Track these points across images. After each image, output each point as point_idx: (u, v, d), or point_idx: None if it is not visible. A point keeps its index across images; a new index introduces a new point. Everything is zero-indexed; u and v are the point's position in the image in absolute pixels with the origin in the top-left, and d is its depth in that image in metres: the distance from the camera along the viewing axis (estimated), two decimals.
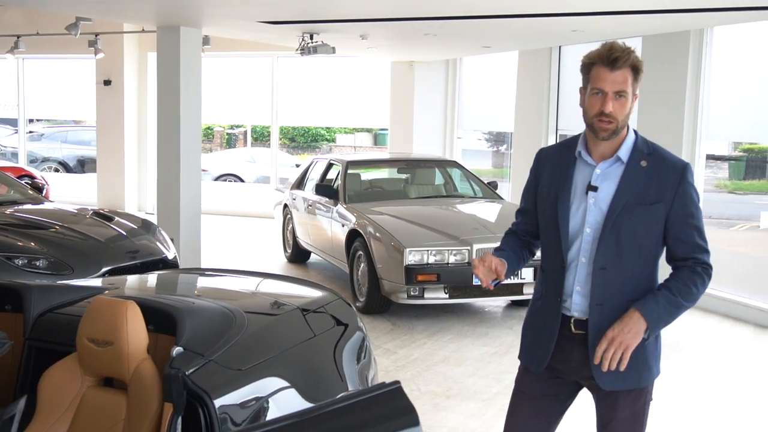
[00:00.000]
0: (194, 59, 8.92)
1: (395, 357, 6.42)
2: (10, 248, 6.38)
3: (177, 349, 2.85)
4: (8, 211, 7.44)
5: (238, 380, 2.85)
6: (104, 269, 6.54)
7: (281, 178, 14.45)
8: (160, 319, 3.05)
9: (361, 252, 7.75)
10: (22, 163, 16.32)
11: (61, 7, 8.75)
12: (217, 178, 17.20)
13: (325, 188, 8.88)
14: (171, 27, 8.73)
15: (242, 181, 17.42)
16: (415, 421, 2.16)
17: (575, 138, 2.91)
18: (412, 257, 7.03)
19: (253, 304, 3.57)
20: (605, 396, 2.82)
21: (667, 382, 6.00)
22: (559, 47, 10.56)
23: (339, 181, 8.91)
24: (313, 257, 10.08)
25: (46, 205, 8.01)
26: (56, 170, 18.33)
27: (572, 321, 2.79)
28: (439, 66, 13.07)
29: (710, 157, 8.97)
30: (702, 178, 8.61)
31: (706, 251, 2.76)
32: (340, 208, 8.45)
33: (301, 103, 15.48)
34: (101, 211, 7.90)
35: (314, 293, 3.82)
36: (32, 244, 6.54)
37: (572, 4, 7.11)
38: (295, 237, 10.03)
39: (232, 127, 21.42)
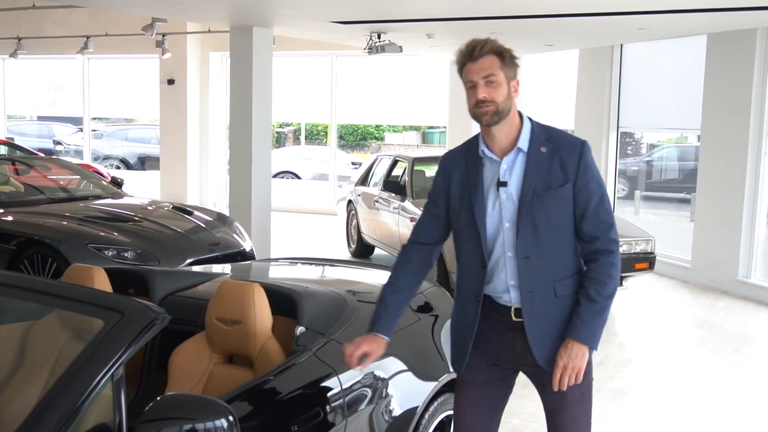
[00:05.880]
0: (266, 59, 9.17)
1: None
2: (100, 240, 6.69)
3: (300, 329, 3.07)
4: (92, 204, 7.78)
5: None
6: (188, 260, 6.81)
7: (339, 176, 14.69)
8: (279, 301, 3.27)
9: None
10: (87, 160, 16.77)
11: (140, 9, 9.07)
12: (274, 176, 17.47)
13: (392, 184, 9.08)
14: (244, 27, 8.99)
15: (299, 178, 17.71)
16: None
17: (475, 138, 2.88)
18: None
19: (358, 290, 3.77)
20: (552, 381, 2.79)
21: (739, 375, 6.10)
22: (621, 45, 10.63)
23: (406, 177, 9.10)
24: (377, 251, 10.28)
25: (127, 200, 8.33)
26: (117, 167, 18.80)
27: (512, 310, 2.79)
28: None
29: None
30: (767, 176, 8.62)
31: (611, 225, 2.78)
32: (408, 203, 8.64)
33: (355, 101, 15.70)
34: (179, 205, 8.19)
35: None
36: (120, 236, 6.83)
37: (641, 2, 7.19)
38: (359, 232, 10.24)
39: (281, 126, 21.72)
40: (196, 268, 4.65)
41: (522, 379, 2.99)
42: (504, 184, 2.75)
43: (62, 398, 2.12)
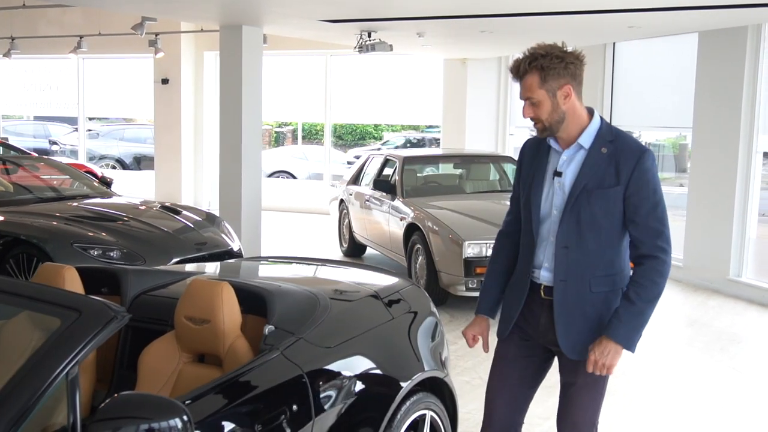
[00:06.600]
0: (255, 58, 9.16)
1: (455, 347, 6.55)
2: (86, 239, 6.66)
3: (269, 327, 3.03)
4: (80, 203, 7.76)
5: (327, 357, 3.03)
6: (174, 260, 6.79)
7: (334, 175, 14.67)
8: (250, 300, 3.24)
9: (419, 245, 7.90)
10: (82, 160, 16.75)
11: (130, 8, 9.04)
12: (269, 175, 17.47)
13: (382, 183, 9.06)
14: (233, 26, 8.97)
15: (294, 177, 17.68)
16: None
17: None
18: (471, 250, 7.17)
19: (334, 289, 3.74)
20: (568, 362, 3.01)
21: (726, 374, 6.08)
22: (614, 43, 10.60)
23: (396, 177, 9.07)
24: (369, 251, 10.26)
25: (115, 199, 8.31)
26: (113, 167, 18.77)
27: (542, 288, 2.99)
28: (492, 63, 13.17)
29: (766, 155, 8.93)
30: (758, 174, 8.59)
31: (660, 233, 2.87)
32: (398, 202, 8.61)
33: (352, 100, 15.68)
34: (168, 205, 8.17)
35: (389, 279, 3.98)
36: (106, 235, 6.81)
37: (630, 0, 7.17)
38: (351, 231, 10.22)
39: (280, 125, 21.68)
40: (173, 268, 4.62)
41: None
42: (559, 174, 2.95)
43: (14, 397, 2.09)
